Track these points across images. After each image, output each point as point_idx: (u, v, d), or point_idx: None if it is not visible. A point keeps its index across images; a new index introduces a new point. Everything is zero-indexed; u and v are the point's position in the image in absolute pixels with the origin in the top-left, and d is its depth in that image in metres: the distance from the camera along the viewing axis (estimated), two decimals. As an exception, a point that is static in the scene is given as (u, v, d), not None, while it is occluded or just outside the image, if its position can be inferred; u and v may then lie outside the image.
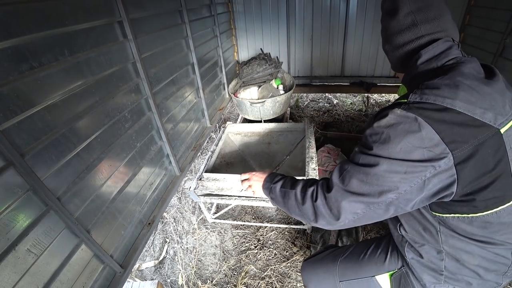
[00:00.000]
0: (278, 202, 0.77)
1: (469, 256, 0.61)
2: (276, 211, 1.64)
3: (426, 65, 0.63)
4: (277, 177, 0.81)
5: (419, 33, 0.63)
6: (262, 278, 1.29)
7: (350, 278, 0.83)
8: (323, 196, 0.63)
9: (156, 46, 1.23)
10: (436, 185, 0.53)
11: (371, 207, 0.57)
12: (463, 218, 0.57)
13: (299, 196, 0.68)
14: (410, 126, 0.53)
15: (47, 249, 0.69)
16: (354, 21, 2.30)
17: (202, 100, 1.78)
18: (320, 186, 0.66)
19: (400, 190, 0.54)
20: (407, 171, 0.53)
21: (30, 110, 0.65)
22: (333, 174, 0.63)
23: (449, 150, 0.50)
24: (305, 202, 0.66)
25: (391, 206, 0.56)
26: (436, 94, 0.54)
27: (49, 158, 0.71)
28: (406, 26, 0.64)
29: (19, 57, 0.64)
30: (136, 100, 1.09)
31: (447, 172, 0.51)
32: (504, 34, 1.65)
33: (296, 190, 0.70)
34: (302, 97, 3.04)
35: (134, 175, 1.07)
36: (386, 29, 0.69)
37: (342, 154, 1.87)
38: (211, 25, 1.95)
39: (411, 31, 0.64)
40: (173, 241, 1.53)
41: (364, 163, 0.58)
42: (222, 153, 1.70)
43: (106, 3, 0.92)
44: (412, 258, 0.71)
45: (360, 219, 0.59)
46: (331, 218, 0.61)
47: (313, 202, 0.65)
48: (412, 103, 0.56)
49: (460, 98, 0.52)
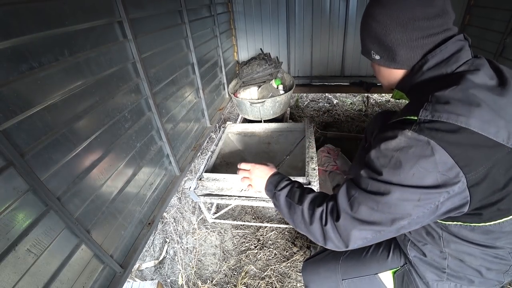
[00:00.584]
0: (282, 211, 0.74)
1: (471, 258, 0.62)
2: (276, 211, 1.64)
3: (433, 71, 0.58)
4: (282, 183, 0.77)
5: (425, 32, 0.57)
6: (262, 278, 1.29)
7: (353, 276, 0.82)
8: (332, 222, 0.60)
9: (156, 46, 1.23)
10: (448, 207, 0.51)
11: (382, 233, 0.55)
12: (465, 226, 0.57)
13: (307, 215, 0.65)
14: (422, 150, 0.49)
15: (47, 249, 0.69)
16: (354, 21, 2.30)
17: (202, 100, 1.78)
18: (329, 210, 0.62)
19: (413, 216, 0.52)
20: (421, 198, 0.50)
21: (30, 110, 0.65)
22: (340, 197, 0.60)
23: (463, 173, 0.47)
24: (313, 223, 0.63)
25: (402, 230, 0.55)
26: (449, 111, 0.49)
27: (49, 158, 0.71)
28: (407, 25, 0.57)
29: (19, 57, 0.64)
30: (136, 100, 1.09)
31: (461, 195, 0.50)
32: (504, 34, 1.66)
33: (303, 207, 0.66)
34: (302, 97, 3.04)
35: (134, 175, 1.07)
36: (378, 31, 0.61)
37: (342, 154, 1.87)
38: (211, 25, 1.95)
39: (415, 30, 0.57)
40: (173, 241, 1.53)
41: (373, 191, 0.54)
42: (222, 153, 1.70)
43: (106, 3, 0.92)
44: (414, 256, 0.72)
45: (369, 242, 0.59)
46: (340, 244, 0.60)
47: (322, 225, 0.62)
48: (423, 122, 0.51)
49: (474, 115, 0.48)
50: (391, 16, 0.58)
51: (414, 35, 0.57)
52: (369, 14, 0.63)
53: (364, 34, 0.67)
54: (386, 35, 0.60)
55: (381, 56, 0.64)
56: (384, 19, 0.59)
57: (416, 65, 0.60)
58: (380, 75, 0.72)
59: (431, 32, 0.57)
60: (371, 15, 0.62)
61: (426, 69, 0.58)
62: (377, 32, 0.61)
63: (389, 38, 0.60)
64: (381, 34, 0.61)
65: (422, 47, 0.58)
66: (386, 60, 0.64)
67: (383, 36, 0.61)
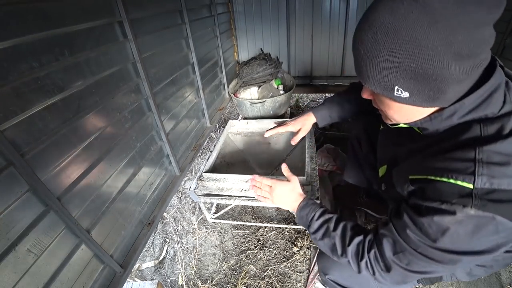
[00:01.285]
0: (321, 246, 0.76)
1: None
2: (276, 211, 1.64)
3: (466, 118, 0.48)
4: (313, 224, 0.76)
5: (477, 60, 0.43)
6: (262, 278, 1.29)
7: None
8: (381, 271, 0.61)
9: (156, 46, 1.23)
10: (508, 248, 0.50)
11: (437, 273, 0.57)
12: None
13: (354, 265, 0.67)
14: (485, 223, 0.44)
15: (47, 249, 0.68)
16: (354, 21, 2.29)
17: (202, 100, 1.78)
18: (373, 260, 0.62)
19: (471, 264, 0.55)
20: (477, 259, 0.49)
21: (30, 110, 0.65)
22: (385, 248, 0.59)
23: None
24: (361, 270, 0.65)
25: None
26: (509, 176, 0.42)
27: (49, 158, 0.71)
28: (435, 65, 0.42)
29: (19, 57, 0.64)
30: (136, 100, 1.09)
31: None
32: (504, 34, 1.66)
33: (348, 258, 0.67)
34: (302, 97, 3.04)
35: (134, 175, 1.07)
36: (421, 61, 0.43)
37: (342, 154, 1.87)
38: (211, 25, 1.95)
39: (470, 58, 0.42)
40: (173, 241, 1.53)
41: (426, 255, 0.52)
42: (222, 153, 1.70)
43: (106, 3, 0.92)
44: None
45: None
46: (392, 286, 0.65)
47: (371, 274, 0.63)
48: (483, 193, 0.44)
49: None
50: (448, 43, 0.40)
51: (468, 65, 0.42)
52: (403, 39, 0.42)
53: (383, 65, 0.46)
54: (435, 69, 0.42)
55: (413, 93, 0.47)
56: (434, 46, 0.40)
57: (446, 110, 0.49)
58: (396, 112, 0.55)
59: (482, 58, 0.44)
60: (409, 40, 0.41)
61: (460, 116, 0.48)
62: (419, 64, 0.42)
63: (438, 72, 0.42)
64: (426, 67, 0.42)
65: (471, 79, 0.45)
66: (420, 99, 0.48)
67: (428, 70, 0.42)
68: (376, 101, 0.59)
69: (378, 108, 0.61)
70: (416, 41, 0.41)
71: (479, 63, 0.44)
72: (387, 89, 0.49)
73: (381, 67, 0.46)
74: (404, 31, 0.41)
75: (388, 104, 0.54)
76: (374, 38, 0.45)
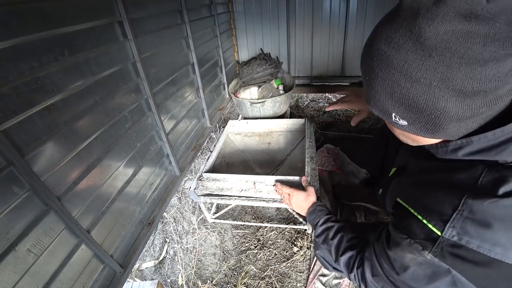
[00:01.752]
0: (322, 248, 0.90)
1: None
2: (276, 211, 1.64)
3: (475, 156, 0.42)
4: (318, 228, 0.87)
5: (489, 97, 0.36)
6: (262, 278, 1.29)
7: None
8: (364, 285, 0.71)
9: (156, 46, 1.23)
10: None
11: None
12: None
13: (344, 270, 0.77)
14: (441, 274, 0.44)
15: (47, 249, 0.69)
16: (354, 21, 2.30)
17: (202, 100, 1.78)
18: (360, 276, 0.72)
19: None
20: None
21: (30, 110, 0.65)
22: (366, 268, 0.68)
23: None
24: (350, 279, 0.77)
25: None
26: (483, 239, 0.39)
27: (49, 158, 0.71)
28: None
29: (19, 57, 0.64)
30: (136, 100, 1.09)
31: None
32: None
33: (340, 263, 0.77)
34: (302, 97, 3.04)
35: (134, 175, 1.07)
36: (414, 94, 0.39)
37: (342, 153, 1.86)
38: (211, 25, 1.95)
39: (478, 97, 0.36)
40: (173, 241, 1.53)
41: (395, 284, 0.59)
42: (222, 153, 1.70)
43: (106, 3, 0.92)
44: None
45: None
46: None
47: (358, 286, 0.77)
48: (447, 245, 0.42)
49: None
50: (445, 78, 0.36)
51: (474, 102, 0.37)
52: (395, 68, 0.39)
53: (379, 91, 0.44)
54: (430, 103, 0.39)
55: (411, 123, 0.44)
56: (428, 79, 0.37)
57: (451, 143, 0.44)
58: (400, 134, 0.53)
59: (497, 95, 0.36)
60: (401, 71, 0.38)
61: (465, 153, 0.43)
62: (413, 95, 0.39)
63: (434, 107, 0.39)
64: (420, 100, 0.39)
65: (480, 116, 0.39)
66: (418, 130, 0.45)
67: (422, 103, 0.39)
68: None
69: None
70: (407, 74, 0.38)
71: (495, 99, 0.37)
72: (385, 114, 0.47)
73: (377, 93, 0.45)
74: (396, 61, 0.38)
75: (390, 126, 0.53)
76: (370, 63, 0.43)
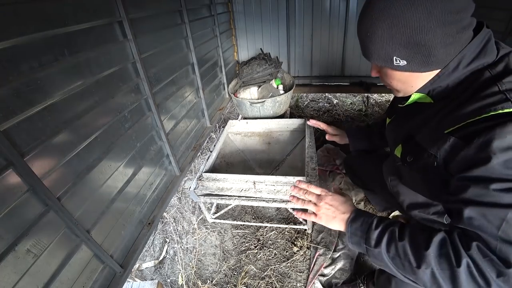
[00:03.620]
0: (385, 264, 0.57)
1: None
2: (276, 211, 1.64)
3: (473, 65, 0.55)
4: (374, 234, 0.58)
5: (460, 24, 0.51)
6: (262, 278, 1.29)
7: None
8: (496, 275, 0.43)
9: (156, 46, 1.23)
10: None
11: None
12: None
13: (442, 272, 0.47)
14: None
15: (47, 249, 0.68)
16: (354, 21, 2.30)
17: (202, 100, 1.78)
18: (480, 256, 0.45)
19: None
20: None
21: (30, 110, 0.65)
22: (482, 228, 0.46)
23: None
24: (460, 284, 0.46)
25: None
26: None
27: (49, 158, 0.71)
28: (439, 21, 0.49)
29: (19, 57, 0.64)
30: (136, 100, 1.09)
31: None
32: (504, 34, 1.65)
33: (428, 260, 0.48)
34: (302, 97, 3.04)
35: (134, 175, 1.07)
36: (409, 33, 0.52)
37: (342, 153, 1.87)
38: (211, 25, 1.95)
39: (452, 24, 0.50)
40: (173, 241, 1.53)
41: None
42: (222, 153, 1.70)
43: (106, 3, 0.92)
44: None
45: None
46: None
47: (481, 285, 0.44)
48: None
49: None
50: (428, 14, 0.49)
51: (451, 30, 0.51)
52: (392, 16, 0.51)
53: (380, 40, 0.55)
54: (421, 36, 0.51)
55: (409, 61, 0.55)
56: (417, 18, 0.50)
57: (450, 63, 0.55)
58: (400, 81, 0.63)
59: (465, 24, 0.52)
60: (396, 16, 0.51)
61: (465, 65, 0.55)
62: (408, 34, 0.51)
63: (425, 39, 0.51)
64: (414, 36, 0.51)
65: (458, 42, 0.53)
66: (416, 65, 0.56)
67: (416, 38, 0.51)
68: (382, 76, 0.66)
69: (386, 84, 0.68)
70: (402, 16, 0.50)
71: (464, 26, 0.52)
72: (387, 60, 0.57)
73: (378, 42, 0.55)
74: (393, 9, 0.51)
75: (391, 75, 0.62)
76: (371, 18, 0.54)
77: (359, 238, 0.61)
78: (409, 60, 0.55)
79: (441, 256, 0.49)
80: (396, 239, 0.55)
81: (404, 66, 0.56)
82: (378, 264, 0.59)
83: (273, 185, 1.25)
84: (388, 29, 0.53)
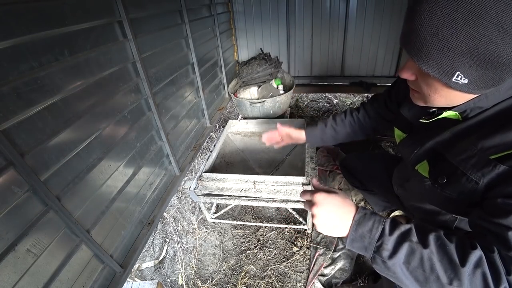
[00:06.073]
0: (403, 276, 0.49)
1: None
2: (276, 211, 1.64)
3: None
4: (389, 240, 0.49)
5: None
6: (262, 278, 1.29)
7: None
8: None
9: (156, 46, 1.23)
10: None
11: None
12: None
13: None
14: None
15: (47, 249, 0.69)
16: (354, 21, 2.30)
17: (202, 100, 1.78)
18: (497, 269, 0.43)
19: None
20: None
21: (30, 110, 0.65)
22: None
23: None
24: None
25: None
26: None
27: (49, 158, 0.71)
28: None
29: (19, 57, 0.64)
30: (136, 100, 1.09)
31: None
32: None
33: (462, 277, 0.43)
34: (302, 97, 3.04)
35: (134, 175, 1.07)
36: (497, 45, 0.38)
37: (342, 153, 1.87)
38: (211, 25, 1.95)
39: None
40: (173, 241, 1.53)
41: None
42: (222, 153, 1.70)
43: (106, 3, 0.92)
44: None
45: None
46: None
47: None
48: None
49: None
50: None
51: None
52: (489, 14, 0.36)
53: (453, 48, 0.41)
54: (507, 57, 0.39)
55: (473, 81, 0.44)
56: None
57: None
58: (443, 97, 0.51)
59: None
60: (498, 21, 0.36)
61: None
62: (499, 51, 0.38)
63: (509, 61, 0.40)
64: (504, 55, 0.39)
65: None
66: (475, 87, 0.45)
67: (505, 58, 0.39)
68: (419, 83, 0.53)
69: (417, 90, 0.55)
70: (503, 27, 0.36)
71: None
72: (446, 74, 0.44)
73: (450, 50, 0.41)
74: (494, 13, 0.36)
75: (436, 88, 0.50)
76: (453, 16, 0.38)
77: (367, 243, 0.52)
78: (473, 80, 0.44)
79: (475, 275, 0.44)
80: (419, 248, 0.48)
81: (462, 85, 0.45)
82: (385, 273, 0.51)
83: (273, 185, 1.25)
84: (475, 39, 0.39)
